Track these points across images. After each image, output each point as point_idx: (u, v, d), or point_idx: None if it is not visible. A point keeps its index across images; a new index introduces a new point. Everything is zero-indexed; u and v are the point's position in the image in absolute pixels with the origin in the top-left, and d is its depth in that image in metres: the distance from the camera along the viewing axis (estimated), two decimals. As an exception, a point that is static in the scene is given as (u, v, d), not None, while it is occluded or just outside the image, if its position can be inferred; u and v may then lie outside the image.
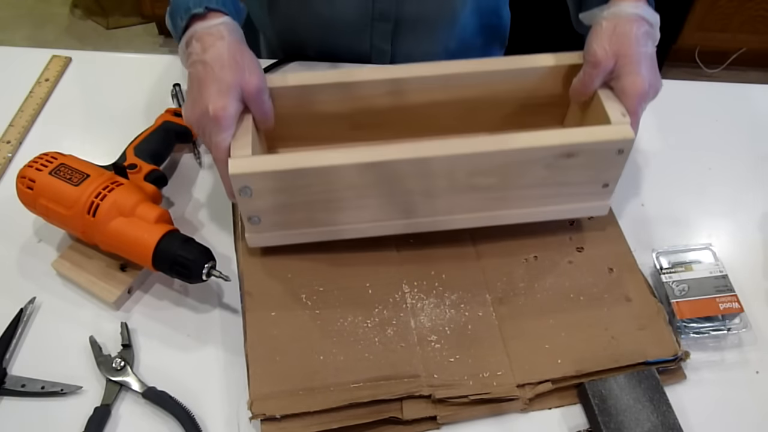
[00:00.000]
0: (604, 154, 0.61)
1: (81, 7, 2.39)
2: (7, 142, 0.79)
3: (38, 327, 0.64)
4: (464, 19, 0.91)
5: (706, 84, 0.88)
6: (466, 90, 0.69)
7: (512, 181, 0.63)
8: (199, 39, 0.62)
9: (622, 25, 0.63)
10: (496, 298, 0.65)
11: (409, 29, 0.89)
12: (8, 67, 0.89)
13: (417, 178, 0.61)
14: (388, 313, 0.64)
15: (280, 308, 0.63)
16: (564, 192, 0.65)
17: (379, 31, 0.88)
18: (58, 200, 0.63)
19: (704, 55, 2.16)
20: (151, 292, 0.67)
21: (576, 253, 0.69)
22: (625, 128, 0.61)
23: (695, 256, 0.68)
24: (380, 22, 0.87)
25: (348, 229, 0.65)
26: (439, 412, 0.58)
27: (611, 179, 0.64)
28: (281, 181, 0.59)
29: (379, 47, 0.90)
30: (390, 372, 0.60)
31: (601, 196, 0.66)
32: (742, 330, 0.64)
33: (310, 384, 0.59)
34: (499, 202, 0.65)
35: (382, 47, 0.90)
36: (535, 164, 0.61)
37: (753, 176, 0.79)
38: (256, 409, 0.57)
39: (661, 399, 0.58)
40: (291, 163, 0.58)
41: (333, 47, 0.90)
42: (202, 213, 0.74)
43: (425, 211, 0.65)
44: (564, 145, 0.60)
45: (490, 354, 0.61)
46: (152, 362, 0.62)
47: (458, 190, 0.63)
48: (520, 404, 0.59)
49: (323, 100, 0.68)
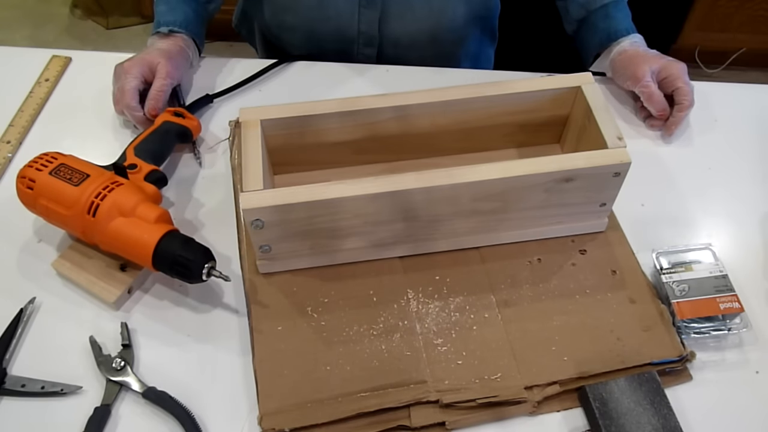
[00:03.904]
0: (601, 178, 0.64)
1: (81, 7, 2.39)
2: (7, 142, 0.79)
3: (38, 327, 0.64)
4: (452, 8, 0.91)
5: (706, 84, 0.88)
6: (466, 114, 0.71)
7: (513, 204, 0.65)
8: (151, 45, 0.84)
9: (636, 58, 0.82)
10: (501, 301, 0.65)
11: (395, 16, 0.90)
12: (8, 67, 0.89)
13: (422, 205, 0.63)
14: (393, 320, 0.64)
15: (286, 322, 0.64)
16: (563, 212, 0.67)
17: (367, 18, 0.90)
18: (58, 200, 0.63)
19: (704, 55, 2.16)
20: (151, 292, 0.67)
21: (579, 255, 0.69)
22: (621, 152, 0.63)
23: (695, 256, 0.68)
24: (367, 9, 0.89)
25: (354, 253, 0.67)
26: (447, 417, 0.58)
27: (608, 199, 0.67)
28: (291, 214, 0.61)
29: (367, 33, 0.91)
30: (397, 379, 0.60)
31: (599, 215, 0.69)
32: (742, 330, 0.64)
33: (318, 395, 0.59)
34: (501, 224, 0.67)
35: (370, 33, 0.91)
36: (535, 189, 0.63)
37: (753, 176, 0.79)
38: (265, 425, 0.57)
39: (662, 402, 0.58)
40: (301, 197, 0.60)
41: (322, 34, 0.92)
42: (202, 213, 0.74)
43: (429, 234, 0.67)
44: (563, 170, 0.62)
45: (497, 356, 0.62)
46: (152, 362, 0.62)
47: (462, 214, 0.65)
48: (528, 407, 0.59)
49: (327, 127, 0.69)
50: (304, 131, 0.69)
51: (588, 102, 0.68)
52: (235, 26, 1.09)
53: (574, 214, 0.68)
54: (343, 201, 0.60)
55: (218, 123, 0.83)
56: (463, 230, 0.67)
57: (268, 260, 0.66)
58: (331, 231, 0.64)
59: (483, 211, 0.65)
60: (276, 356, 0.62)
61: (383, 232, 0.65)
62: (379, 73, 0.89)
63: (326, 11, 0.90)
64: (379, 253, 0.68)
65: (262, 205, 0.59)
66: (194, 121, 0.78)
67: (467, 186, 0.61)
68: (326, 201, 0.60)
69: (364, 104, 0.68)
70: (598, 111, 0.67)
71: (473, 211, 0.65)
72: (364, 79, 0.88)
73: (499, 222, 0.67)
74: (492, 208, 0.65)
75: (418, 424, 0.58)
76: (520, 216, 0.67)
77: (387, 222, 0.64)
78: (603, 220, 0.70)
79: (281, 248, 0.64)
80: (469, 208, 0.64)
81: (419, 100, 0.68)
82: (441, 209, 0.64)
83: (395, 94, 0.69)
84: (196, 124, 0.79)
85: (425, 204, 0.63)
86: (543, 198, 0.65)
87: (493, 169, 0.62)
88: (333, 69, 0.89)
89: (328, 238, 0.65)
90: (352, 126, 0.69)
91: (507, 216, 0.66)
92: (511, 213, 0.66)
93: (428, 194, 0.61)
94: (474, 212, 0.65)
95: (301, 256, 0.66)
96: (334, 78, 0.88)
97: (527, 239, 0.70)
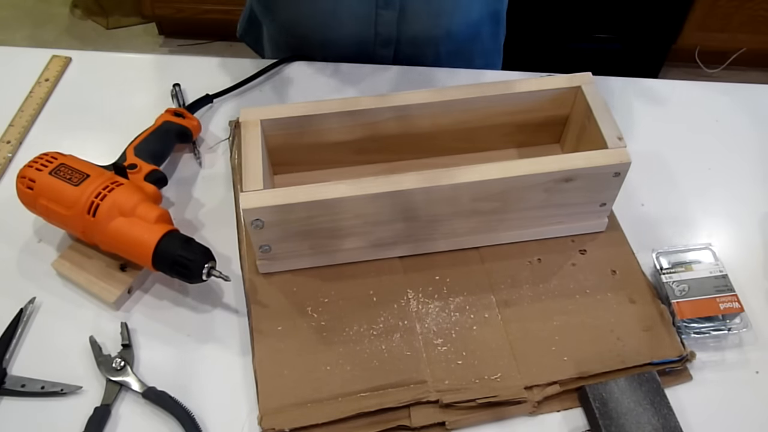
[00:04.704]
0: (601, 178, 0.64)
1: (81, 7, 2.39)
2: (7, 142, 0.79)
3: (38, 327, 0.64)
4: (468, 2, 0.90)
5: (706, 84, 0.88)
6: (466, 114, 0.71)
7: (513, 204, 0.65)
8: None
9: None
10: (501, 301, 0.65)
11: (413, 14, 0.88)
12: (8, 67, 0.89)
13: (422, 205, 0.63)
14: (393, 320, 0.64)
15: (286, 322, 0.64)
16: (563, 212, 0.67)
17: (384, 20, 0.88)
18: (58, 200, 0.63)
19: (704, 55, 2.16)
20: (151, 292, 0.67)
21: (579, 255, 0.69)
22: (621, 152, 0.63)
23: (695, 256, 0.68)
24: (385, 11, 0.87)
25: (354, 253, 0.67)
26: (447, 417, 0.58)
27: (608, 199, 0.67)
28: (292, 214, 0.61)
29: (384, 35, 0.89)
30: (397, 379, 0.60)
31: (599, 215, 0.69)
32: (742, 330, 0.64)
33: (318, 395, 0.59)
34: (501, 224, 0.67)
35: (387, 34, 0.89)
36: (535, 189, 0.63)
37: (753, 176, 0.79)
38: (265, 424, 0.57)
39: (662, 402, 0.58)
40: (301, 197, 0.60)
41: (337, 38, 0.90)
42: (202, 213, 0.74)
43: (429, 234, 0.67)
44: (563, 170, 0.62)
45: (497, 356, 0.62)
46: (152, 362, 0.62)
47: (462, 214, 0.65)
48: (528, 407, 0.59)
49: (327, 127, 0.69)
50: (305, 131, 0.69)
51: (588, 102, 0.68)
52: (240, 35, 1.06)
53: (574, 214, 0.68)
54: (343, 201, 0.60)
55: (218, 123, 0.83)
56: (463, 230, 0.67)
57: (268, 260, 0.66)
58: (331, 231, 0.64)
59: (483, 211, 0.65)
60: (276, 356, 0.62)
61: (383, 232, 0.65)
62: (379, 73, 0.89)
63: (341, 16, 0.88)
64: (379, 253, 0.68)
65: (262, 205, 0.59)
66: (194, 121, 0.78)
67: (467, 186, 0.61)
68: (326, 201, 0.60)
69: (364, 104, 0.68)
70: (598, 111, 0.67)
71: (473, 211, 0.65)
72: (365, 79, 0.88)
73: (499, 222, 0.67)
74: (492, 208, 0.65)
75: (418, 424, 0.58)
76: (520, 216, 0.67)
77: (387, 222, 0.64)
78: (603, 220, 0.70)
79: (281, 248, 0.65)
80: (469, 208, 0.64)
81: (419, 100, 0.68)
82: (441, 209, 0.64)
83: (395, 94, 0.69)
84: (196, 124, 0.79)
85: (425, 204, 0.63)
86: (543, 198, 0.65)
87: (493, 169, 0.62)
88: (333, 69, 0.89)
89: (328, 238, 0.65)
90: (352, 126, 0.69)
91: (507, 216, 0.66)
92: (511, 213, 0.66)
93: (428, 194, 0.61)
94: (474, 212, 0.65)
95: (301, 256, 0.66)
96: (335, 78, 0.88)
97: (527, 239, 0.70)
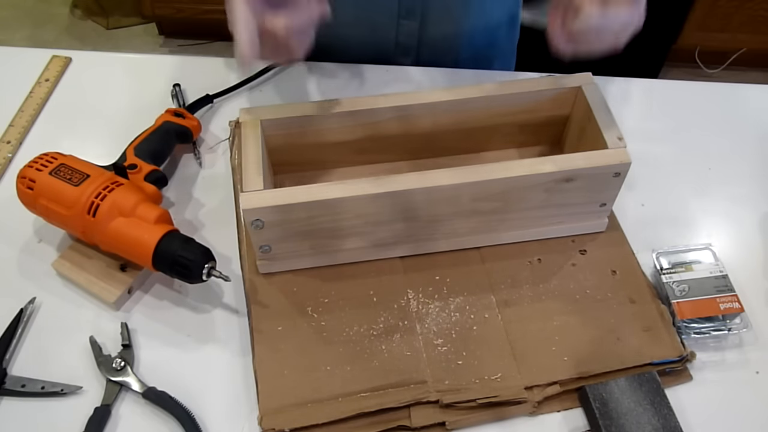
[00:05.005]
0: (601, 178, 0.64)
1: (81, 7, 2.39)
2: (7, 142, 0.79)
3: (38, 327, 0.64)
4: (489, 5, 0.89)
5: (706, 84, 0.88)
6: (466, 114, 0.71)
7: (513, 204, 0.65)
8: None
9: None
10: (501, 301, 0.65)
11: (435, 23, 0.87)
12: (8, 67, 0.89)
13: (422, 205, 0.63)
14: (393, 320, 0.64)
15: (286, 322, 0.64)
16: (563, 212, 0.67)
17: (406, 30, 0.87)
18: (58, 200, 0.63)
19: (704, 55, 2.16)
20: (151, 292, 0.67)
21: (579, 255, 0.69)
22: (621, 152, 0.63)
23: (695, 256, 0.68)
24: (407, 20, 0.86)
25: (354, 253, 0.67)
26: (447, 417, 0.58)
27: (608, 199, 0.67)
28: (292, 214, 0.61)
29: (405, 44, 0.89)
30: (397, 379, 0.60)
31: (599, 215, 0.69)
32: (742, 330, 0.64)
33: (318, 396, 0.59)
34: (501, 224, 0.67)
35: (408, 43, 0.89)
36: (535, 189, 0.63)
37: (753, 176, 0.79)
38: (265, 424, 0.57)
39: (662, 402, 0.58)
40: (301, 197, 0.60)
41: (356, 47, 0.89)
42: (202, 213, 0.74)
43: (429, 234, 0.67)
44: (563, 170, 0.62)
45: (497, 356, 0.62)
46: (152, 362, 0.62)
47: (462, 214, 0.65)
48: (528, 407, 0.59)
49: (327, 127, 0.69)
50: (305, 131, 0.69)
51: (588, 102, 0.68)
52: None
53: (575, 214, 0.68)
54: (343, 201, 0.60)
55: (218, 123, 0.83)
56: (463, 230, 0.67)
57: (268, 260, 0.66)
58: (332, 231, 0.64)
59: (483, 211, 0.65)
60: (276, 356, 0.62)
61: (383, 232, 0.65)
62: (379, 73, 0.89)
63: (361, 27, 0.87)
64: (380, 253, 0.68)
65: (262, 205, 0.59)
66: (194, 121, 0.78)
67: (468, 186, 0.61)
68: (326, 201, 0.60)
69: (364, 104, 0.68)
70: (598, 111, 0.67)
71: (473, 211, 0.65)
72: (365, 79, 0.88)
73: (499, 222, 0.67)
74: (492, 208, 0.65)
75: (418, 424, 0.58)
76: (520, 216, 0.67)
77: (387, 222, 0.64)
78: (603, 220, 0.70)
79: (281, 248, 0.65)
80: (469, 208, 0.64)
81: (420, 100, 0.68)
82: (441, 209, 0.64)
83: (395, 94, 0.69)
84: (196, 124, 0.79)
85: (426, 204, 0.63)
86: (543, 198, 0.65)
87: (493, 169, 0.62)
88: (334, 69, 0.89)
89: (328, 238, 0.65)
90: (352, 126, 0.69)
91: (507, 216, 0.66)
92: (511, 213, 0.66)
93: (429, 194, 0.61)
94: (474, 212, 0.65)
95: (301, 256, 0.66)
96: (335, 78, 0.88)
97: (527, 239, 0.70)
